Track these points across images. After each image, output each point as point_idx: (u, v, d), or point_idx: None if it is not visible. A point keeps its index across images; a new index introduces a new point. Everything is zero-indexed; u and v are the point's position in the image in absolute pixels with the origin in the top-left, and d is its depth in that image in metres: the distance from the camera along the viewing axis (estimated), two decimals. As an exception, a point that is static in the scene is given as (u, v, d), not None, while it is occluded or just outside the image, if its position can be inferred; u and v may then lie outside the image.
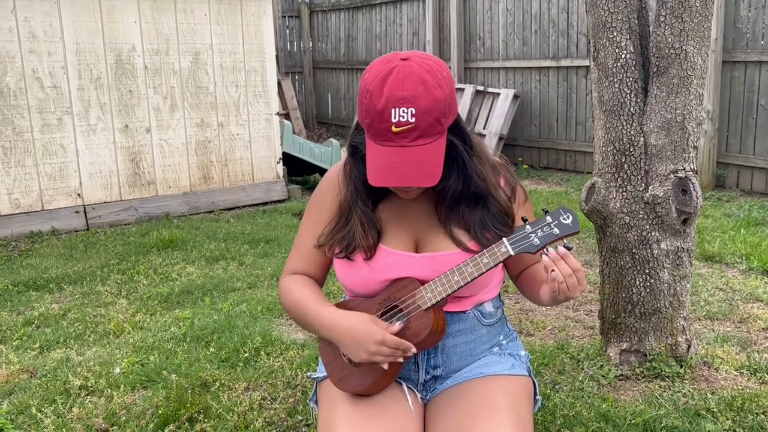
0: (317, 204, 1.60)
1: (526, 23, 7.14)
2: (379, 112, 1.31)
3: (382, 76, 1.32)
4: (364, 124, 1.37)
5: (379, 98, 1.31)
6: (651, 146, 2.33)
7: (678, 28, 2.24)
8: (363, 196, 1.51)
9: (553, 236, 1.35)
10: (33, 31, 4.69)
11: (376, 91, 1.32)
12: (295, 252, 1.63)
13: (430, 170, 1.34)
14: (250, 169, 5.79)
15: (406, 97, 1.30)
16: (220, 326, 3.02)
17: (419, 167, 1.33)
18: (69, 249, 4.42)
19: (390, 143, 1.33)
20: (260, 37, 5.68)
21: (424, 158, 1.33)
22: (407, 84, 1.30)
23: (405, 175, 1.33)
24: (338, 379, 1.49)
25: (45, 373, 2.64)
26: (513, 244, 1.36)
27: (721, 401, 2.23)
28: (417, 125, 1.31)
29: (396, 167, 1.33)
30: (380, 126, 1.32)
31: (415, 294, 1.43)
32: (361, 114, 1.37)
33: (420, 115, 1.30)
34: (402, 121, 1.31)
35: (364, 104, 1.34)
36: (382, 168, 1.34)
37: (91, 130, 5.00)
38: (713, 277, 3.54)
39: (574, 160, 6.98)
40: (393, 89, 1.31)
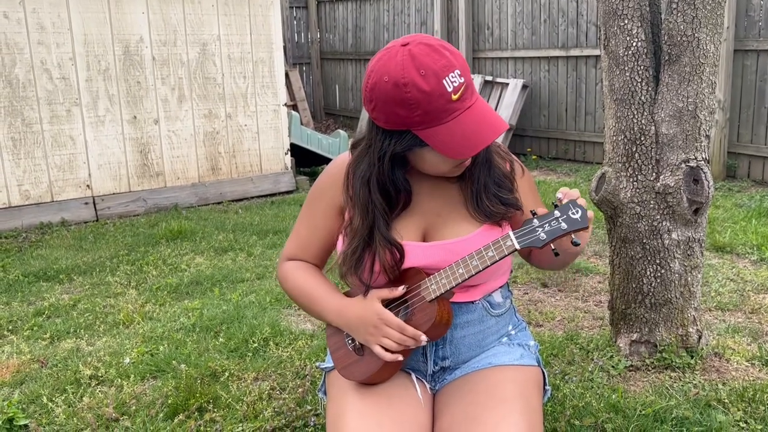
0: (317, 197, 1.57)
1: (535, 12, 7.08)
2: (431, 93, 1.26)
3: (407, 64, 1.26)
4: (415, 118, 1.28)
5: (424, 80, 1.25)
6: (662, 135, 2.31)
7: (690, 15, 2.21)
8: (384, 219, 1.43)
9: (561, 231, 1.31)
10: (41, 23, 4.70)
11: (415, 77, 1.25)
12: (293, 240, 1.63)
13: (498, 116, 1.34)
14: (258, 161, 5.79)
15: (446, 64, 1.28)
16: (229, 317, 3.03)
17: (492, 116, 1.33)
18: (79, 240, 4.44)
19: (456, 113, 1.30)
20: (267, 27, 5.66)
21: (488, 109, 1.34)
22: (435, 55, 1.28)
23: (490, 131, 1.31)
24: (343, 367, 1.49)
25: (55, 363, 2.65)
26: (519, 238, 1.33)
27: (732, 392, 2.21)
28: (467, 81, 1.31)
29: (476, 129, 1.30)
30: (438, 103, 1.27)
31: (420, 285, 1.42)
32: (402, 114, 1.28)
33: (463, 72, 1.31)
34: (456, 86, 1.28)
35: (408, 99, 1.26)
36: (465, 137, 1.30)
37: (99, 121, 5.01)
38: (724, 268, 3.52)
39: (584, 150, 6.94)
40: (430, 64, 1.26)
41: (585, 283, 3.42)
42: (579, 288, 3.35)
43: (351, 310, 1.44)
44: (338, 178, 1.53)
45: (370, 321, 1.39)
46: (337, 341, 1.53)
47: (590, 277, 3.50)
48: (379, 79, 1.29)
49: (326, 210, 1.55)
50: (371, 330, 1.40)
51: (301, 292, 1.55)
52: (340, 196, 1.51)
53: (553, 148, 7.23)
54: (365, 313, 1.41)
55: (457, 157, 1.31)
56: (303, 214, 1.61)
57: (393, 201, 1.45)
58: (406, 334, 1.37)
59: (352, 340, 1.49)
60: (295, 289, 1.57)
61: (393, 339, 1.37)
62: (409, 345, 1.38)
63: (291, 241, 1.63)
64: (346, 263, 1.45)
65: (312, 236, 1.58)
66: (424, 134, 1.31)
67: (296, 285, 1.56)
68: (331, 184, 1.54)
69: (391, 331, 1.37)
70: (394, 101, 1.28)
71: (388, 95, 1.28)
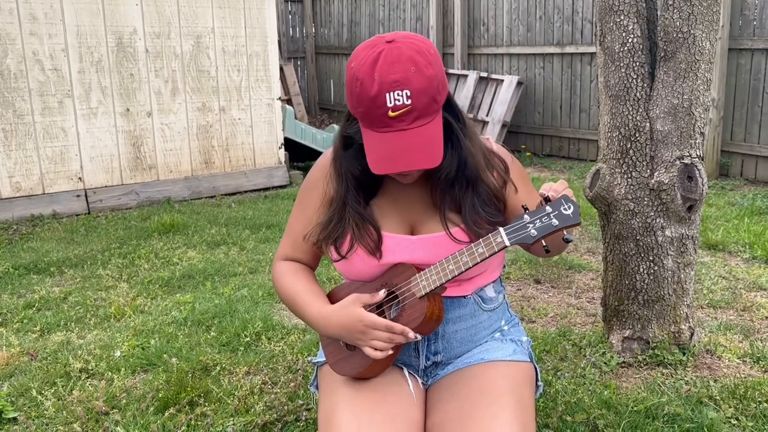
0: (308, 192, 1.58)
1: (531, 9, 7.07)
2: (372, 99, 1.28)
3: (370, 62, 1.28)
4: (358, 113, 1.33)
5: (371, 85, 1.27)
6: (657, 132, 2.31)
7: (687, 12, 2.21)
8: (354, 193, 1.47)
9: (552, 228, 1.28)
10: (33, 13, 4.65)
11: (366, 78, 1.28)
12: (286, 238, 1.62)
13: (433, 151, 1.31)
14: (251, 154, 5.76)
15: (399, 80, 1.27)
16: (221, 311, 3.01)
17: (421, 149, 1.30)
18: (70, 233, 4.41)
19: (388, 129, 1.30)
20: (262, 20, 5.63)
21: (425, 139, 1.31)
22: (398, 66, 1.27)
23: (408, 160, 1.30)
24: (335, 362, 1.49)
25: (45, 356, 2.63)
26: (509, 235, 1.31)
27: (724, 389, 2.22)
28: (414, 106, 1.28)
29: (398, 153, 1.30)
30: (376, 112, 1.29)
31: (411, 281, 1.41)
32: (352, 103, 1.33)
33: (415, 96, 1.28)
34: (398, 104, 1.27)
35: (356, 93, 1.30)
36: (385, 156, 1.31)
37: (92, 113, 4.98)
38: (716, 266, 3.53)
39: (578, 147, 6.94)
40: (384, 73, 1.27)
41: (578, 280, 3.42)
42: (572, 284, 3.35)
43: (334, 319, 1.43)
44: (327, 170, 1.53)
45: (355, 328, 1.38)
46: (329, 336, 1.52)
47: (583, 274, 3.51)
48: (350, 61, 1.35)
49: (318, 202, 1.54)
50: (358, 335, 1.38)
51: (288, 296, 1.55)
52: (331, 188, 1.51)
53: (548, 145, 7.23)
54: (348, 321, 1.39)
55: (371, 169, 1.32)
56: (295, 210, 1.61)
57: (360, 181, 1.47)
58: (394, 332, 1.36)
59: None
60: (283, 294, 1.57)
61: (382, 339, 1.37)
62: (398, 341, 1.37)
63: (285, 239, 1.62)
64: (321, 233, 1.49)
65: (305, 230, 1.57)
66: (364, 132, 1.35)
67: (284, 290, 1.56)
68: (322, 177, 1.54)
69: (379, 333, 1.36)
70: (349, 88, 1.34)
71: (348, 80, 1.34)
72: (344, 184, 1.47)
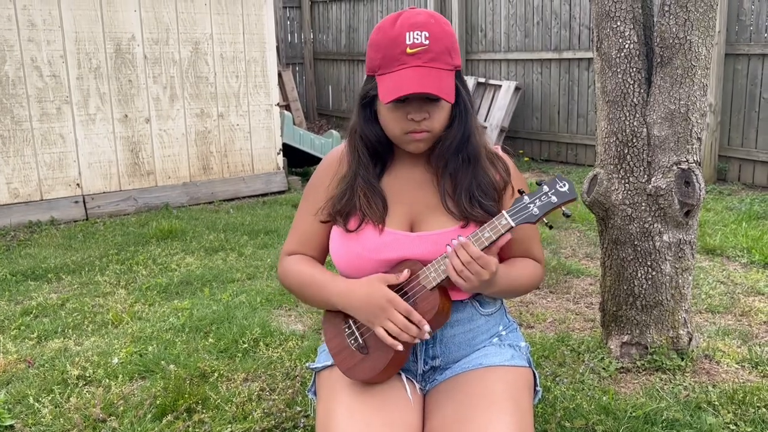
0: (315, 187, 1.59)
1: (528, 15, 7.09)
2: (392, 39, 1.37)
3: (393, 16, 1.40)
4: (376, 61, 1.40)
5: (392, 28, 1.38)
6: (654, 137, 2.31)
7: (683, 18, 2.22)
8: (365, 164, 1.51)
9: (552, 204, 1.34)
10: (32, 20, 4.66)
11: (388, 25, 1.39)
12: (293, 236, 1.62)
13: (446, 88, 1.38)
14: (249, 160, 5.76)
15: (420, 22, 1.38)
16: (219, 317, 3.01)
17: (434, 81, 1.36)
18: (68, 239, 4.40)
19: (404, 65, 1.37)
20: (261, 27, 5.64)
21: (439, 78, 1.37)
22: (419, 16, 1.38)
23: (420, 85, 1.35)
24: (348, 369, 1.47)
25: (43, 363, 2.63)
26: (513, 216, 1.35)
27: (723, 394, 2.21)
28: (430, 47, 1.37)
29: (409, 80, 1.35)
30: (394, 51, 1.37)
31: (419, 275, 1.42)
32: (371, 56, 1.42)
33: (433, 40, 1.37)
34: (416, 42, 1.37)
35: (376, 41, 1.40)
36: (398, 84, 1.36)
37: (90, 119, 4.98)
38: (714, 271, 3.53)
39: (576, 152, 6.95)
40: (407, 18, 1.38)
41: (576, 285, 3.42)
42: (570, 290, 3.35)
43: (358, 290, 1.43)
44: (334, 168, 1.57)
45: (378, 303, 1.38)
46: (338, 344, 1.50)
47: (582, 279, 3.51)
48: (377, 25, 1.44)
49: (324, 197, 1.55)
50: (377, 311, 1.38)
51: (304, 281, 1.54)
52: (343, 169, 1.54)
53: (546, 150, 7.24)
54: (373, 295, 1.40)
55: (382, 99, 1.38)
56: (301, 208, 1.61)
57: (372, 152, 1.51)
58: (412, 318, 1.36)
59: (355, 339, 1.47)
60: (297, 279, 1.55)
61: (397, 323, 1.36)
62: (411, 333, 1.37)
63: (291, 236, 1.63)
64: (334, 206, 1.52)
65: (312, 228, 1.57)
66: (379, 81, 1.40)
67: (299, 275, 1.55)
68: (327, 173, 1.57)
69: (397, 315, 1.37)
70: (371, 44, 1.42)
71: (371, 39, 1.43)
72: (357, 158, 1.52)
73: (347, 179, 1.53)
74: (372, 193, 1.50)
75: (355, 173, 1.52)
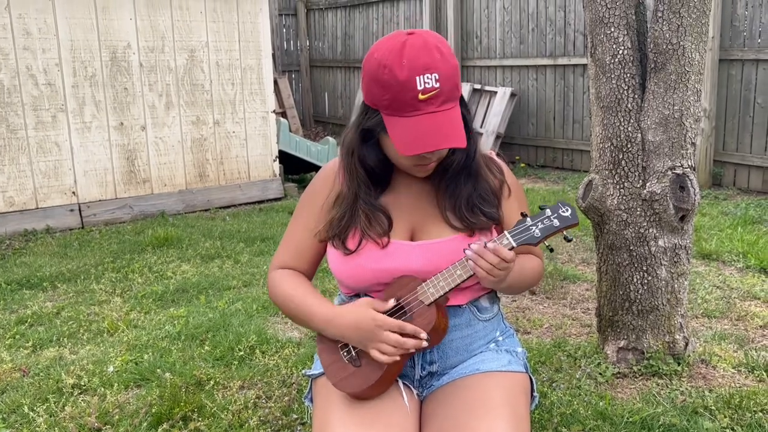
0: (311, 199, 1.58)
1: (523, 21, 7.12)
2: (402, 83, 1.32)
3: (397, 49, 1.33)
4: (384, 101, 1.35)
5: (401, 69, 1.31)
6: (648, 143, 2.32)
7: (676, 24, 2.23)
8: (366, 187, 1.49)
9: (554, 228, 1.37)
10: (27, 28, 4.66)
11: (395, 63, 1.32)
12: (284, 247, 1.61)
13: (460, 132, 1.36)
14: (246, 167, 5.76)
15: (429, 64, 1.32)
16: (215, 324, 3.00)
17: (451, 129, 1.34)
18: (63, 247, 4.39)
19: (417, 112, 1.33)
20: (256, 34, 5.65)
21: (453, 121, 1.35)
22: (425, 52, 1.32)
23: (441, 139, 1.33)
24: (339, 380, 1.46)
25: (38, 372, 2.61)
26: (515, 236, 1.37)
27: (719, 399, 2.21)
28: (442, 90, 1.33)
29: (429, 133, 1.33)
30: (405, 96, 1.32)
31: (417, 290, 1.41)
32: (377, 91, 1.36)
33: (443, 80, 1.33)
34: (428, 87, 1.32)
35: (383, 80, 1.33)
36: (416, 137, 1.33)
37: (86, 127, 4.97)
38: (710, 275, 3.53)
39: (571, 158, 6.97)
40: (413, 58, 1.32)
41: (573, 291, 3.42)
42: (567, 295, 3.35)
43: (344, 317, 1.42)
44: (330, 180, 1.55)
45: (366, 327, 1.38)
46: (330, 355, 1.49)
47: (578, 285, 3.51)
48: (372, 53, 1.37)
49: (320, 212, 1.54)
50: (367, 335, 1.38)
51: (290, 301, 1.53)
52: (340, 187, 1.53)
53: (541, 156, 7.26)
54: (359, 319, 1.39)
55: (401, 152, 1.35)
56: (296, 219, 1.60)
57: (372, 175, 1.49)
58: (405, 331, 1.36)
59: (348, 351, 1.46)
60: (284, 298, 1.54)
61: (391, 342, 1.36)
62: (408, 347, 1.36)
63: (282, 247, 1.61)
64: (332, 229, 1.50)
65: (305, 240, 1.57)
66: (388, 120, 1.37)
67: (286, 294, 1.54)
68: (324, 187, 1.56)
69: (389, 334, 1.36)
70: (373, 77, 1.36)
71: (371, 70, 1.36)
72: (356, 181, 1.49)
73: (347, 201, 1.50)
74: (374, 214, 1.48)
75: (355, 195, 1.49)
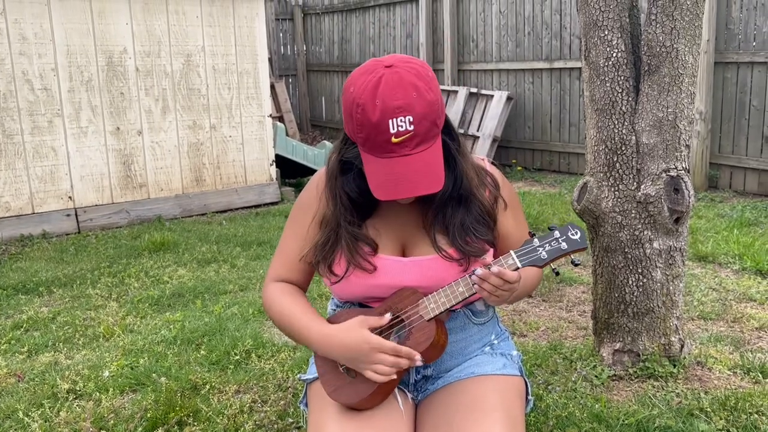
0: (301, 211, 1.57)
1: (519, 25, 7.14)
2: (375, 125, 1.28)
3: (371, 87, 1.28)
4: (359, 138, 1.32)
5: (373, 111, 1.27)
6: (643, 145, 2.32)
7: (669, 27, 2.24)
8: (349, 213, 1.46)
9: (561, 251, 1.34)
10: (23, 33, 4.66)
11: (368, 103, 1.27)
12: (278, 258, 1.60)
13: (435, 175, 1.32)
14: (242, 172, 5.76)
15: (402, 106, 1.27)
16: (211, 329, 2.99)
17: (425, 174, 1.31)
18: (60, 252, 4.38)
19: (391, 154, 1.30)
20: (252, 39, 5.66)
21: (428, 164, 1.31)
22: (400, 92, 1.27)
23: (413, 186, 1.30)
24: (333, 390, 1.45)
25: (33, 377, 2.61)
26: (520, 257, 1.35)
27: (715, 401, 2.21)
28: (416, 132, 1.29)
29: (402, 179, 1.30)
30: (378, 138, 1.29)
31: (418, 304, 1.40)
32: (351, 128, 1.33)
33: (418, 121, 1.28)
34: (401, 130, 1.28)
35: (357, 119, 1.30)
36: (388, 182, 1.30)
37: (82, 132, 4.97)
38: (706, 277, 3.54)
39: (568, 161, 6.98)
40: (386, 99, 1.27)
41: (569, 293, 3.42)
42: (563, 298, 3.36)
43: (337, 340, 1.40)
44: (317, 195, 1.53)
45: (360, 349, 1.36)
46: (326, 363, 1.49)
47: (574, 287, 3.51)
48: (348, 86, 1.33)
49: (307, 232, 1.53)
50: (361, 357, 1.36)
51: (285, 319, 1.51)
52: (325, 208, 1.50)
53: (538, 159, 7.27)
54: (353, 342, 1.37)
55: (374, 194, 1.32)
56: (288, 229, 1.59)
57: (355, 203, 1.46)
58: (400, 355, 1.34)
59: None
60: (277, 316, 1.53)
61: (386, 364, 1.35)
62: (402, 366, 1.35)
63: (276, 259, 1.60)
64: (317, 254, 1.48)
65: (298, 250, 1.55)
66: (364, 157, 1.34)
67: (281, 312, 1.52)
68: (316, 196, 1.53)
69: (384, 356, 1.34)
70: (348, 113, 1.33)
71: (346, 105, 1.33)
72: (339, 206, 1.46)
73: (330, 226, 1.47)
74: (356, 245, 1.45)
75: (337, 221, 1.47)
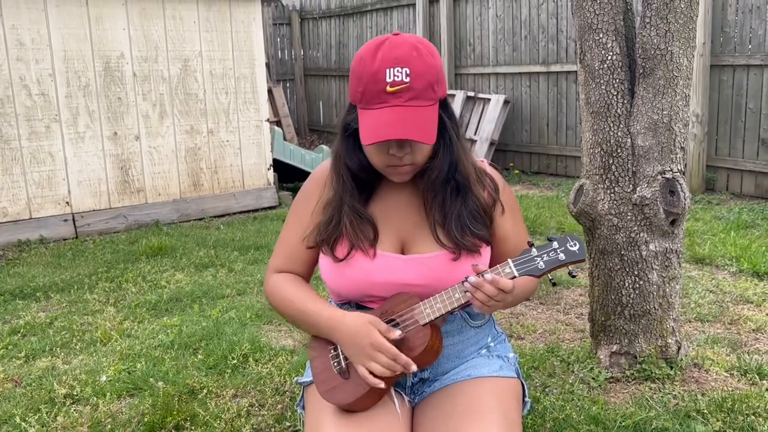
0: (303, 202, 1.58)
1: (516, 29, 7.16)
2: (372, 74, 1.33)
3: (375, 45, 1.36)
4: (357, 93, 1.37)
5: (373, 62, 1.34)
6: (638, 147, 2.33)
7: (663, 30, 2.25)
8: (351, 192, 1.48)
9: (559, 262, 1.33)
10: (20, 39, 4.67)
11: (369, 57, 1.35)
12: (279, 250, 1.60)
13: (426, 127, 1.34)
14: (240, 176, 5.76)
15: (400, 57, 1.33)
16: (209, 333, 2.99)
17: (414, 124, 1.33)
18: (57, 257, 4.38)
19: (384, 104, 1.34)
20: (250, 43, 5.67)
21: (420, 117, 1.34)
22: (401, 48, 1.34)
23: (401, 130, 1.32)
24: (326, 390, 1.45)
25: (30, 382, 2.60)
26: (518, 266, 1.35)
27: (712, 402, 2.22)
28: (411, 85, 1.33)
29: (391, 124, 1.32)
30: (374, 88, 1.34)
31: (414, 309, 1.40)
32: (353, 85, 1.38)
33: (414, 76, 1.33)
34: (396, 80, 1.32)
35: (357, 72, 1.36)
36: (378, 127, 1.33)
37: (79, 137, 4.97)
38: (704, 280, 3.54)
39: (565, 164, 6.99)
40: (387, 52, 1.34)
41: (566, 296, 3.42)
42: (560, 301, 3.36)
43: (346, 324, 1.40)
44: (320, 183, 1.55)
45: (363, 342, 1.36)
46: (321, 363, 1.49)
47: (571, 290, 3.51)
48: (358, 51, 1.41)
49: (310, 217, 1.54)
50: (362, 351, 1.37)
51: (291, 304, 1.52)
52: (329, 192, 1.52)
53: (535, 163, 7.28)
54: (360, 331, 1.37)
55: (363, 140, 1.35)
56: (290, 221, 1.60)
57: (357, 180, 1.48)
58: (398, 362, 1.34)
59: (338, 363, 1.46)
60: (284, 301, 1.53)
61: (382, 364, 1.35)
62: (397, 370, 1.35)
63: (278, 251, 1.61)
64: (320, 234, 1.50)
65: (298, 245, 1.56)
66: (360, 114, 1.38)
67: (286, 297, 1.53)
68: (317, 187, 1.55)
69: (382, 356, 1.35)
70: (352, 71, 1.39)
71: (352, 65, 1.40)
72: (342, 184, 1.49)
73: (333, 205, 1.50)
74: (359, 221, 1.47)
75: (340, 200, 1.48)
